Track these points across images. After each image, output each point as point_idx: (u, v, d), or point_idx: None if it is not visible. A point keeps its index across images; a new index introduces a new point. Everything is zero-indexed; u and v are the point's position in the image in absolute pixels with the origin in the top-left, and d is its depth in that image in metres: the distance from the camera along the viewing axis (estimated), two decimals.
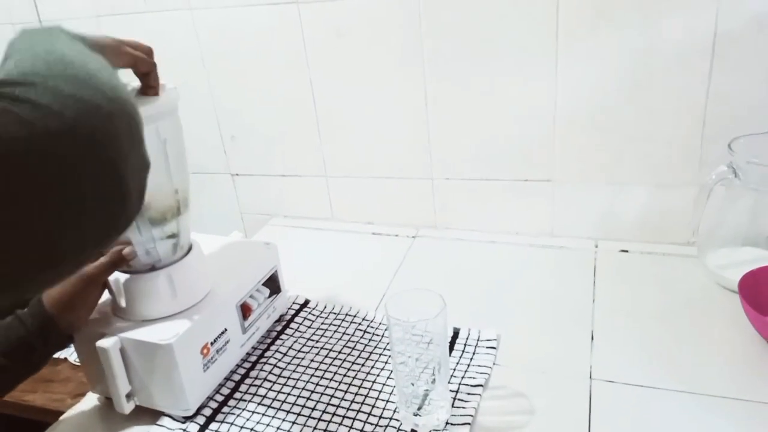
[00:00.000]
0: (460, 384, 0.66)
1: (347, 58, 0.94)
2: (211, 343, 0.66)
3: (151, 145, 0.58)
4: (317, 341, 0.76)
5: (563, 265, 0.88)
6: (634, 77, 0.81)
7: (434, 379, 0.60)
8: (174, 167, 0.61)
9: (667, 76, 0.80)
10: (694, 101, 0.80)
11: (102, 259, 0.62)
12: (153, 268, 0.63)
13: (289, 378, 0.70)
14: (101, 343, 0.61)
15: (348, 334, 0.77)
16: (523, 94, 0.87)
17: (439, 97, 0.92)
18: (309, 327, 0.79)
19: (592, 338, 0.72)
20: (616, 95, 0.83)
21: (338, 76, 0.96)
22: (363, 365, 0.71)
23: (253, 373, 0.72)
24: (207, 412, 0.66)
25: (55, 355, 0.80)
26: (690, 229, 0.80)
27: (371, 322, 0.79)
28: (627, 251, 0.89)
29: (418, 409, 0.61)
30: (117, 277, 0.64)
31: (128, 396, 0.64)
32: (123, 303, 0.64)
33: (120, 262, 0.63)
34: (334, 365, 0.72)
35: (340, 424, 0.63)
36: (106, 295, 0.66)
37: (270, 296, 0.77)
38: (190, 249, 0.67)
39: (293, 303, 0.84)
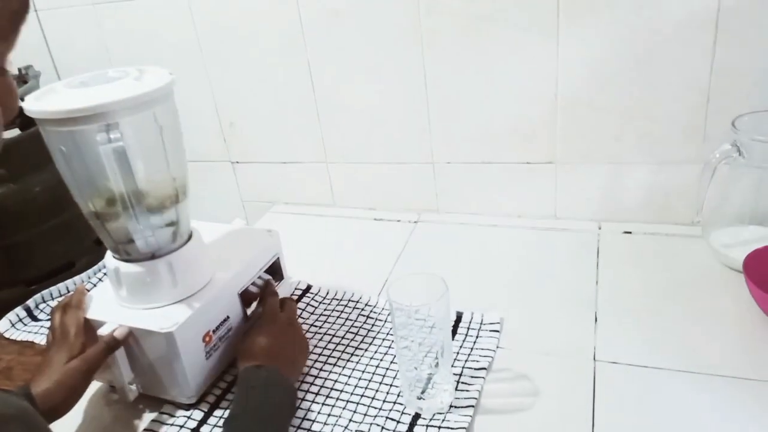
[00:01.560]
0: (463, 367, 0.66)
1: (345, 40, 0.93)
2: (213, 331, 0.66)
3: (148, 131, 0.59)
4: (320, 327, 0.76)
5: (566, 247, 0.88)
6: (637, 54, 0.80)
7: (437, 363, 0.59)
8: (171, 154, 0.61)
9: (670, 52, 0.78)
10: (698, 78, 0.79)
11: (96, 347, 0.60)
12: (153, 257, 0.63)
13: None
14: (103, 331, 0.61)
15: (351, 320, 0.77)
16: (524, 74, 0.86)
17: (438, 79, 0.91)
18: (312, 313, 0.79)
19: (596, 320, 0.72)
20: (619, 73, 0.81)
21: (336, 59, 0.95)
22: (366, 350, 0.71)
23: None
24: (211, 399, 0.66)
25: None
26: (694, 208, 0.80)
27: (374, 307, 0.79)
28: (630, 232, 0.88)
29: (422, 392, 0.61)
30: (117, 265, 0.63)
31: (131, 383, 0.64)
32: (124, 292, 0.64)
33: (116, 346, 0.61)
34: (337, 350, 0.72)
35: (344, 408, 0.63)
36: (107, 282, 0.67)
37: None
38: (190, 237, 0.67)
39: (295, 289, 0.83)
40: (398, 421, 0.60)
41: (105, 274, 0.88)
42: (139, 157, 0.57)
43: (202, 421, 0.64)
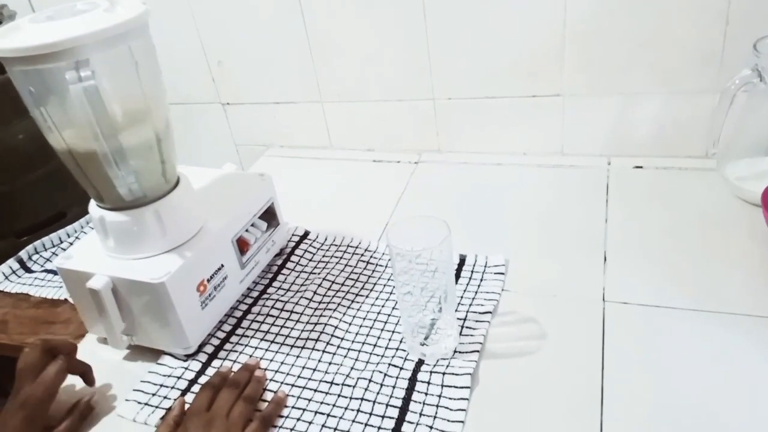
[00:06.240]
0: (467, 312, 0.64)
1: None
2: (208, 280, 0.64)
3: (122, 68, 0.54)
4: (319, 273, 0.74)
5: (574, 184, 0.84)
6: None
7: (441, 308, 0.57)
8: (149, 93, 0.56)
9: None
10: None
11: (71, 423, 0.57)
12: (139, 204, 0.60)
13: (292, 312, 0.68)
14: (92, 283, 0.59)
15: (351, 266, 0.74)
16: (529, 0, 0.80)
17: (437, 10, 0.85)
18: (310, 260, 0.77)
19: (605, 259, 0.69)
20: None
21: None
22: (367, 296, 0.69)
23: (255, 309, 0.70)
24: (209, 349, 0.65)
25: (55, 296, 0.80)
26: (709, 140, 0.75)
27: (374, 252, 0.76)
28: (641, 167, 0.84)
29: (425, 338, 0.59)
30: (102, 214, 0.60)
31: (123, 332, 0.63)
32: (111, 242, 0.61)
33: (89, 413, 0.59)
34: (337, 297, 0.69)
35: (345, 356, 0.61)
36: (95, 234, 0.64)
37: (268, 229, 0.74)
38: (177, 183, 0.64)
39: (293, 235, 0.81)
40: (401, 368, 0.58)
41: None
42: (113, 97, 0.53)
43: (200, 372, 0.62)
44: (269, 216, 0.74)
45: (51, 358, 0.58)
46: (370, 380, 0.57)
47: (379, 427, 0.53)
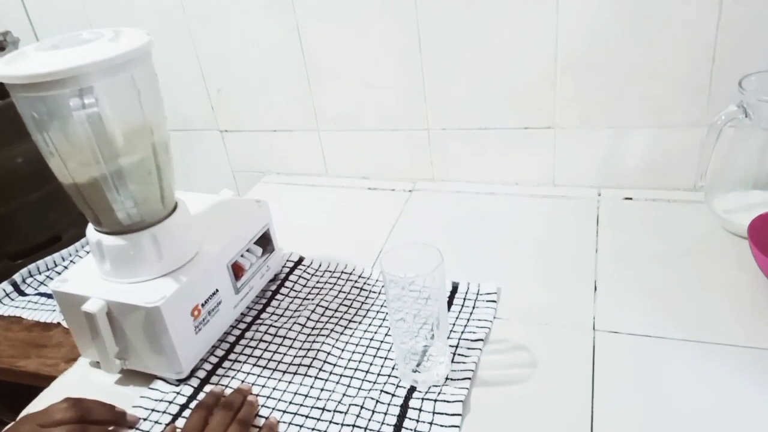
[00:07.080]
0: (460, 339, 0.64)
1: (335, 0, 0.89)
2: (202, 305, 0.64)
3: (125, 96, 0.56)
4: (313, 299, 0.74)
5: (565, 214, 0.85)
6: (640, 9, 0.76)
7: (433, 335, 0.58)
8: (151, 121, 0.58)
9: (675, 7, 0.75)
10: (704, 34, 0.75)
11: None
12: (136, 229, 0.60)
13: (285, 338, 0.68)
14: (87, 306, 0.59)
15: (344, 292, 0.75)
16: (522, 34, 0.82)
17: (433, 41, 0.87)
18: (304, 286, 0.77)
19: (595, 289, 0.70)
20: (620, 30, 0.78)
21: (326, 20, 0.91)
22: (360, 323, 0.69)
23: (248, 334, 0.70)
24: (201, 374, 0.65)
25: (47, 320, 0.80)
26: (697, 173, 0.77)
27: (368, 279, 0.77)
28: (631, 199, 0.86)
29: (417, 365, 0.59)
30: (99, 238, 0.61)
31: (116, 356, 0.63)
32: (107, 266, 0.62)
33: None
34: (330, 323, 0.70)
35: (337, 383, 0.61)
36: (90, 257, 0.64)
37: (263, 255, 0.75)
38: (175, 208, 0.64)
39: (287, 261, 0.81)
40: (393, 395, 0.59)
41: None
42: (115, 124, 0.54)
43: (192, 397, 0.62)
44: (265, 242, 0.75)
45: (77, 419, 0.57)
46: (361, 407, 0.57)
47: None
